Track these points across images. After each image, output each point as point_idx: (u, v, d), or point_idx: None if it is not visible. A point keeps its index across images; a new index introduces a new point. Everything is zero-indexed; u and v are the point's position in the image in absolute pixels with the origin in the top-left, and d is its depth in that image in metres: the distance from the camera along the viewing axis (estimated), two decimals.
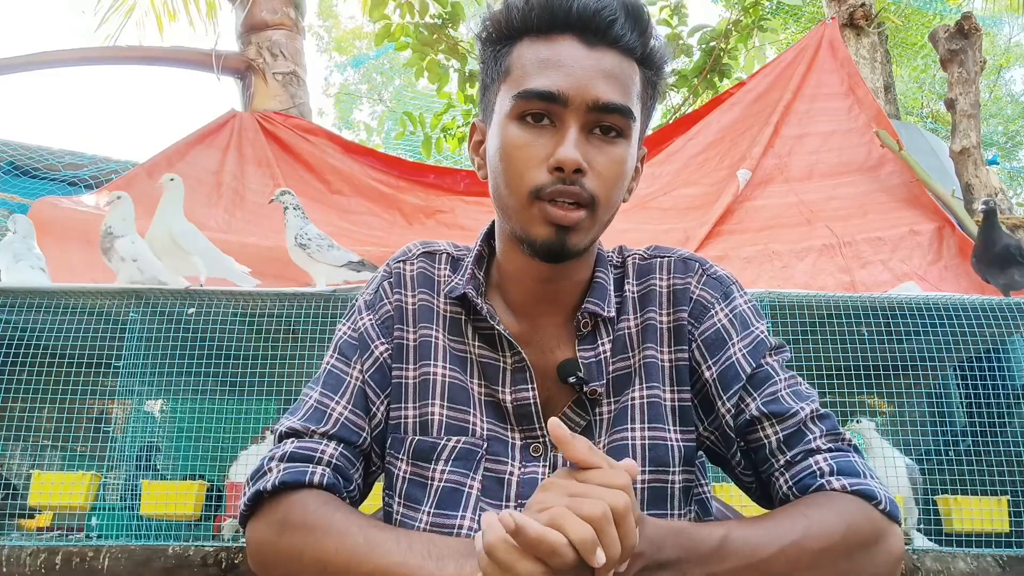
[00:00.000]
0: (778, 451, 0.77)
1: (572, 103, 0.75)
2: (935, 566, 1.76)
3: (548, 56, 0.76)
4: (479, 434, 0.81)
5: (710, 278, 0.86)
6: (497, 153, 0.79)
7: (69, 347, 2.08)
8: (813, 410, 0.78)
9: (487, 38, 0.82)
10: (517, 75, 0.78)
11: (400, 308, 0.87)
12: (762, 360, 0.81)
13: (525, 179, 0.76)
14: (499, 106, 0.80)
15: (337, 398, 0.83)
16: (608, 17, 0.76)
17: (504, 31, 0.80)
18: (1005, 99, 11.28)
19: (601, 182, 0.76)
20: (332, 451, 0.79)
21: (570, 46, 0.76)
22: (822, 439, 0.77)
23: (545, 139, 0.76)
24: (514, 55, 0.79)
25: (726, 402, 0.80)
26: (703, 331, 0.83)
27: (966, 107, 3.20)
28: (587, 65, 0.76)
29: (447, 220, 3.46)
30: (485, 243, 0.89)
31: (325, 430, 0.80)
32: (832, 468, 0.74)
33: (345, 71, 12.55)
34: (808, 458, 0.76)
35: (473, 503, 0.79)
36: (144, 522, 1.94)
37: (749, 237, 2.97)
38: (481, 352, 0.85)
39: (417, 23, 4.24)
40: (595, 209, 0.76)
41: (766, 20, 4.56)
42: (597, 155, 0.76)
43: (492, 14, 0.81)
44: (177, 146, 3.47)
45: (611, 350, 0.84)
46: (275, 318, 2.10)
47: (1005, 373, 2.15)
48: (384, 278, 0.90)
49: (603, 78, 0.76)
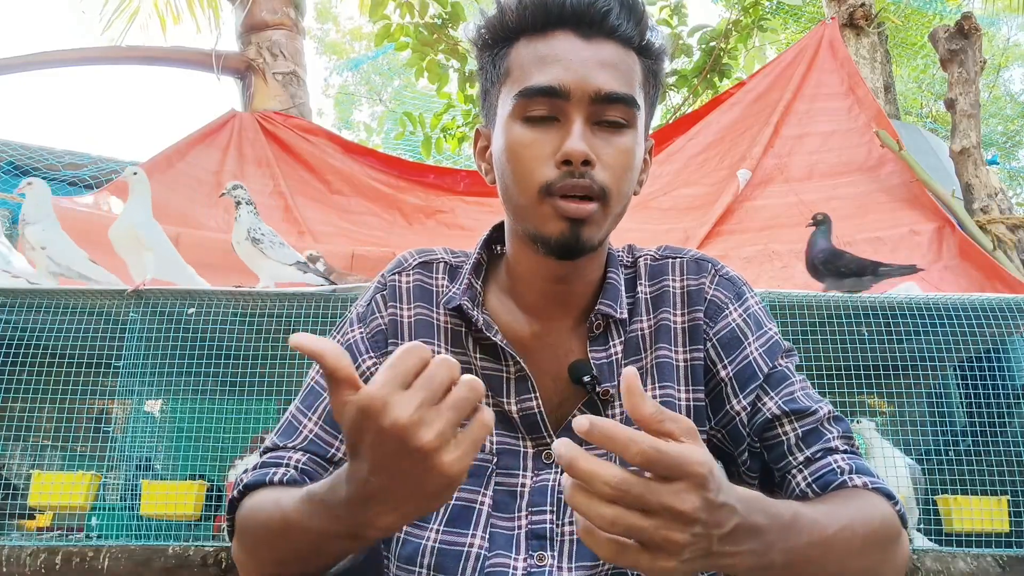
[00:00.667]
0: (796, 448, 0.77)
1: (574, 96, 0.75)
2: (935, 566, 1.76)
3: (546, 52, 0.76)
4: (488, 449, 0.81)
5: (723, 279, 0.86)
6: (503, 154, 0.78)
7: (69, 347, 2.08)
8: (829, 411, 0.79)
9: (483, 43, 0.82)
10: (517, 75, 0.78)
11: (395, 322, 0.86)
12: (777, 361, 0.82)
13: (534, 176, 0.75)
14: (501, 108, 0.80)
15: (310, 414, 0.82)
16: (603, 8, 0.76)
17: (500, 33, 0.80)
18: (1004, 99, 11.28)
19: (610, 173, 0.76)
20: (299, 457, 0.79)
21: (567, 40, 0.76)
22: (839, 440, 0.78)
23: (551, 135, 0.76)
24: (512, 56, 0.79)
25: (742, 400, 0.80)
26: (718, 331, 0.83)
27: (966, 107, 3.20)
28: (585, 57, 0.75)
29: (447, 220, 3.46)
30: (485, 249, 0.89)
31: (294, 444, 0.81)
32: (852, 467, 0.75)
33: (344, 73, 12.55)
34: (827, 456, 0.76)
35: (484, 520, 0.78)
36: (144, 522, 1.94)
37: (749, 237, 2.97)
38: (484, 363, 0.84)
39: (417, 23, 4.24)
40: (607, 201, 0.76)
41: (766, 20, 4.56)
42: (604, 146, 0.76)
43: (486, 19, 0.81)
44: (177, 146, 3.47)
45: (623, 351, 0.84)
46: (275, 318, 2.10)
47: (1005, 373, 2.15)
48: (378, 291, 0.88)
49: (603, 68, 0.75)
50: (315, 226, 3.34)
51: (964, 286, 2.60)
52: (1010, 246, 2.85)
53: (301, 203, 3.44)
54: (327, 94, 13.25)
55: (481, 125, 0.87)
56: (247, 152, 3.60)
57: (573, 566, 0.76)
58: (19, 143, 3.90)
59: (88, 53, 4.30)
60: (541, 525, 0.78)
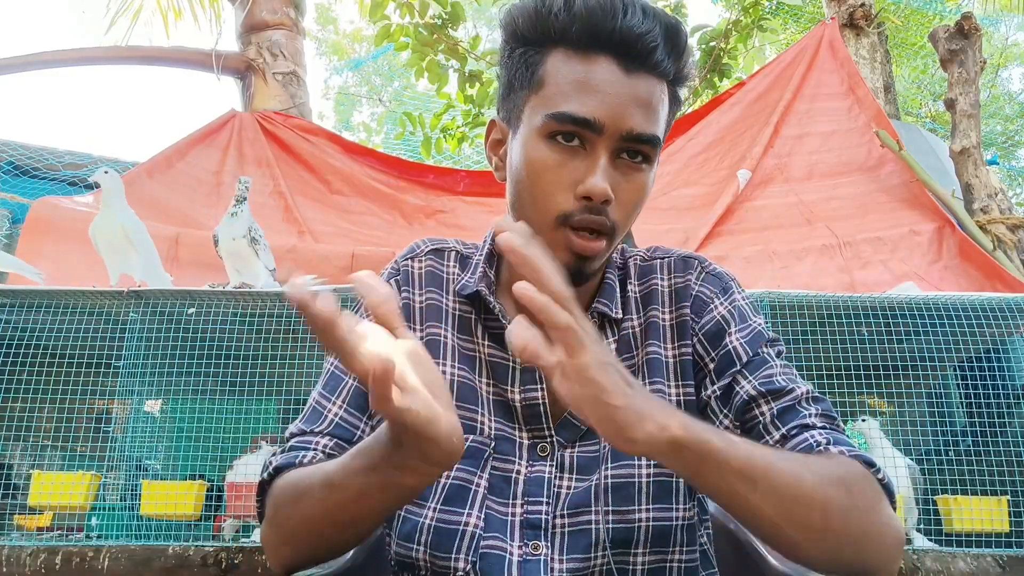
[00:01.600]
0: (772, 426, 0.76)
1: (607, 131, 0.75)
2: (935, 566, 1.76)
3: (585, 78, 0.75)
4: (487, 433, 0.81)
5: (709, 275, 0.87)
6: (523, 168, 0.78)
7: (69, 347, 2.08)
8: (808, 391, 0.78)
9: (516, 36, 0.80)
10: (551, 92, 0.77)
11: (407, 307, 0.87)
12: (759, 349, 0.82)
13: (552, 203, 0.76)
14: (528, 118, 0.79)
15: (334, 398, 0.83)
16: (651, 44, 0.75)
17: (538, 34, 0.78)
18: (1003, 98, 11.29)
19: (623, 210, 0.78)
20: (327, 442, 0.80)
21: (608, 70, 0.75)
22: (816, 417, 0.76)
23: (576, 163, 0.76)
24: (548, 66, 0.78)
25: (717, 382, 0.80)
26: (703, 324, 0.84)
27: (966, 107, 3.20)
28: (623, 93, 0.75)
29: (447, 220, 3.47)
30: (495, 241, 0.89)
31: (320, 429, 0.81)
32: (830, 440, 0.73)
33: (344, 73, 12.56)
34: (803, 432, 0.74)
35: (480, 501, 0.79)
36: (144, 522, 1.94)
37: (749, 237, 2.97)
38: (491, 351, 0.85)
39: (416, 23, 4.24)
40: (614, 237, 0.78)
41: (766, 20, 4.56)
42: (623, 182, 0.77)
43: (525, 9, 0.79)
44: (177, 146, 3.47)
45: (616, 349, 0.85)
46: (275, 318, 2.10)
47: (1005, 373, 2.15)
48: (391, 275, 0.89)
49: (638, 107, 0.75)
50: (315, 226, 3.34)
51: (964, 286, 2.60)
52: (1010, 246, 2.85)
53: (301, 203, 3.44)
54: (327, 96, 13.26)
55: (498, 117, 0.86)
56: (247, 152, 3.60)
57: (566, 558, 0.77)
58: (19, 143, 3.91)
59: (88, 53, 4.30)
60: (536, 515, 0.79)
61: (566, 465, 0.81)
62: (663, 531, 0.79)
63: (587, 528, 0.78)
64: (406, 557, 0.79)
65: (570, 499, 0.79)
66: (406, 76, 8.41)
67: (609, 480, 0.79)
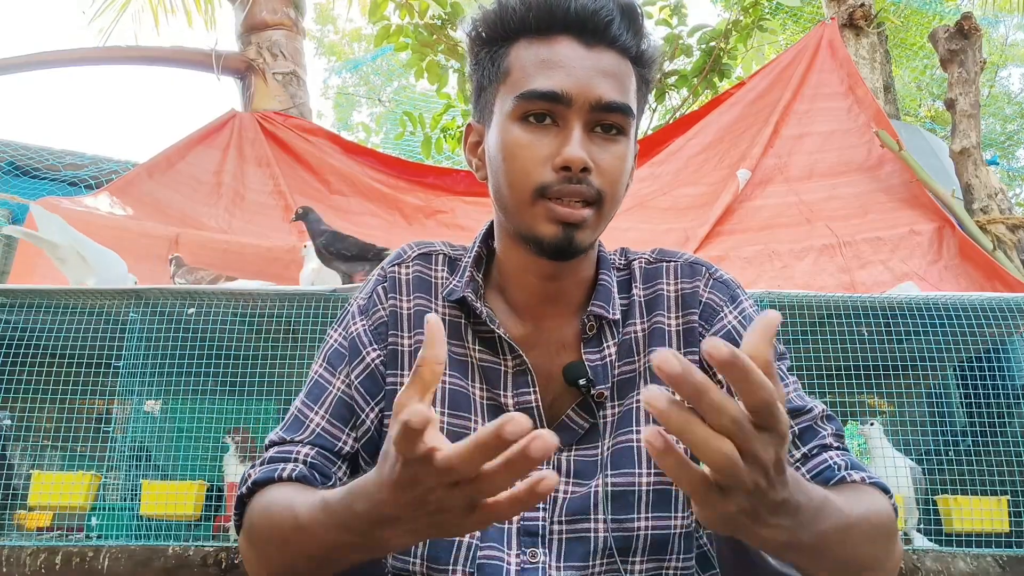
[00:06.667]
0: (792, 445, 0.78)
1: (575, 103, 0.75)
2: (935, 566, 1.76)
3: (548, 56, 0.77)
4: None
5: (717, 282, 0.87)
6: (499, 153, 0.79)
7: (69, 347, 2.08)
8: (823, 410, 0.80)
9: (480, 39, 0.82)
10: (517, 76, 0.78)
11: (395, 313, 0.86)
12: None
13: (529, 178, 0.76)
14: (499, 107, 0.80)
15: (316, 408, 0.83)
16: (605, 17, 0.76)
17: (499, 32, 0.80)
18: (1003, 98, 11.28)
19: (606, 179, 0.77)
20: (308, 451, 0.79)
21: (569, 46, 0.77)
22: (831, 437, 0.78)
23: (549, 138, 0.76)
24: (512, 56, 0.79)
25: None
26: (714, 334, 0.84)
27: (966, 107, 3.20)
28: (587, 65, 0.76)
29: (447, 220, 3.47)
30: (483, 244, 0.89)
31: (302, 438, 0.81)
32: (847, 463, 0.75)
33: (343, 73, 12.55)
34: (823, 452, 0.77)
35: None
36: (144, 522, 1.94)
37: (749, 237, 2.97)
38: (482, 356, 0.84)
39: (416, 24, 4.24)
40: (601, 206, 0.77)
41: (766, 20, 4.56)
42: (601, 153, 0.77)
43: (485, 15, 0.81)
44: (177, 146, 3.47)
45: (617, 353, 0.84)
46: (275, 318, 2.10)
47: (1005, 373, 2.15)
48: (379, 282, 0.88)
49: (604, 77, 0.76)
50: None
51: (964, 286, 2.60)
52: (1010, 246, 2.85)
53: (301, 203, 3.43)
54: (326, 96, 13.25)
55: (473, 120, 0.87)
56: (247, 152, 3.60)
57: (563, 565, 0.77)
58: (19, 143, 3.91)
59: (88, 53, 4.30)
60: (533, 523, 0.78)
61: (563, 469, 0.80)
62: (662, 540, 0.78)
63: (585, 536, 0.78)
64: (403, 570, 0.79)
65: (567, 505, 0.79)
66: (405, 76, 8.40)
67: (609, 488, 0.78)
